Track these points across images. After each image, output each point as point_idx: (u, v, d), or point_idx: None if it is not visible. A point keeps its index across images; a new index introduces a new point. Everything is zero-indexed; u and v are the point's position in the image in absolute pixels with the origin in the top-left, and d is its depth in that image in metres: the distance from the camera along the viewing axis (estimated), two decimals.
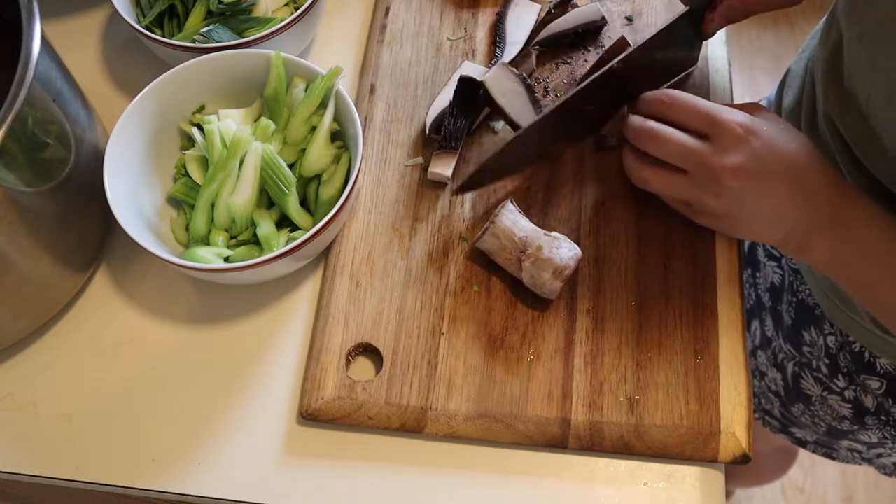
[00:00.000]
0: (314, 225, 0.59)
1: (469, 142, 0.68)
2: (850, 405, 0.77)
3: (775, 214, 0.57)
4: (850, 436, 0.81)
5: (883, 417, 0.75)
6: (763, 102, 0.92)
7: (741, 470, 1.23)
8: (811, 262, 0.59)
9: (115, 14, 0.70)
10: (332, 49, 0.76)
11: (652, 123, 0.59)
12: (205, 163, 0.63)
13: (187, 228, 0.63)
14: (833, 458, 0.90)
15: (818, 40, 0.69)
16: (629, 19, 0.74)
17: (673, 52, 0.68)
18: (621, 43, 0.67)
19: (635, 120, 0.60)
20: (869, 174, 0.61)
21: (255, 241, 0.62)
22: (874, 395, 0.73)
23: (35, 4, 0.54)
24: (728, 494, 1.44)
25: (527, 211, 0.65)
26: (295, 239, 0.58)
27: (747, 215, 0.58)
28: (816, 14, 2.07)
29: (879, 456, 0.84)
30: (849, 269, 0.58)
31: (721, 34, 0.74)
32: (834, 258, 0.58)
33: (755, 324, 0.86)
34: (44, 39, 0.53)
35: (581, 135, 0.68)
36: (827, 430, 0.83)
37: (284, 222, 0.63)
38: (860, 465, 0.88)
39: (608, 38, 0.73)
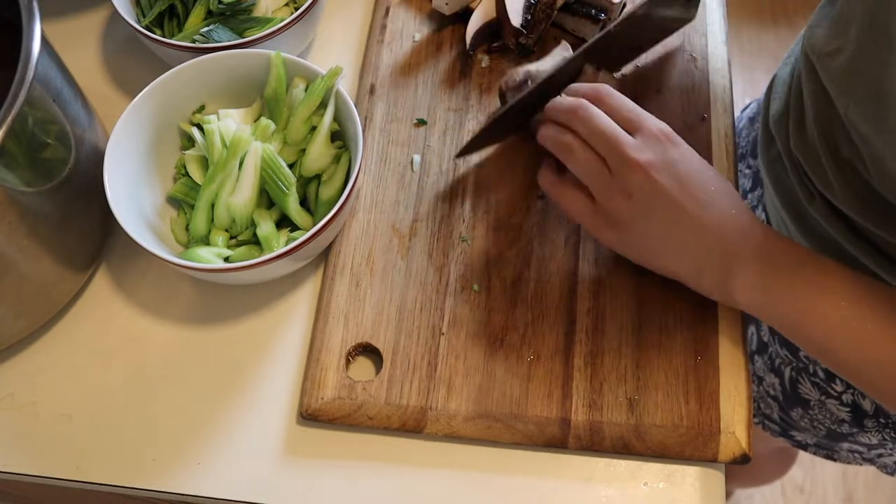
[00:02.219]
0: (314, 225, 0.59)
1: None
2: (848, 409, 0.77)
3: (679, 238, 0.55)
4: (849, 438, 0.81)
5: (882, 420, 0.75)
6: (753, 105, 0.93)
7: (741, 470, 1.23)
8: (735, 301, 0.56)
9: (115, 14, 0.70)
10: (332, 49, 0.76)
11: (588, 102, 0.58)
12: (205, 163, 0.63)
13: (187, 228, 0.63)
14: (834, 460, 0.90)
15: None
16: None
17: (670, 10, 0.69)
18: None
19: (570, 98, 0.59)
20: (859, 178, 0.61)
21: (255, 241, 0.62)
22: (872, 399, 0.73)
23: (35, 4, 0.54)
24: (728, 494, 1.44)
25: (526, 211, 0.65)
26: (295, 239, 0.58)
27: (647, 230, 0.56)
28: None
29: (880, 456, 0.84)
30: (777, 307, 0.55)
31: (721, 34, 0.74)
32: (760, 296, 0.55)
33: (752, 329, 0.86)
34: (44, 39, 0.53)
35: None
36: (827, 433, 0.83)
37: (284, 222, 0.63)
38: (861, 465, 0.88)
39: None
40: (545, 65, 0.66)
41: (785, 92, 0.72)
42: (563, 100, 0.60)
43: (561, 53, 0.67)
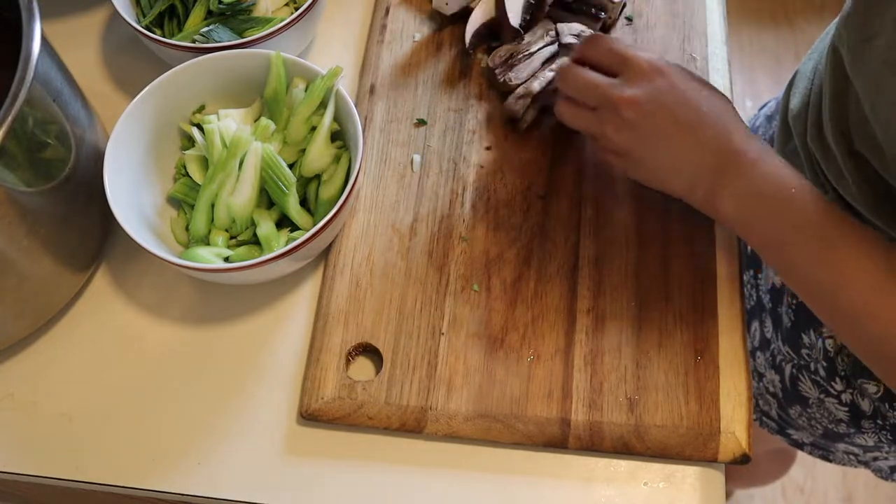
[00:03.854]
0: (314, 225, 0.59)
1: None
2: (846, 409, 0.77)
3: (674, 158, 0.58)
4: (846, 439, 0.81)
5: (879, 421, 0.75)
6: (772, 104, 0.93)
7: (741, 471, 1.23)
8: (720, 217, 0.59)
9: (115, 14, 0.70)
10: (332, 49, 0.76)
11: (568, 65, 0.62)
12: (205, 163, 0.63)
13: (187, 228, 0.63)
14: (829, 461, 0.90)
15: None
16: (629, 19, 0.74)
17: None
18: None
19: (563, 65, 0.63)
20: (874, 176, 0.61)
21: (255, 241, 0.62)
22: (871, 399, 0.73)
23: (35, 4, 0.54)
24: (728, 494, 1.44)
25: (526, 211, 0.65)
26: (295, 239, 0.58)
27: (648, 156, 0.59)
28: (816, 14, 2.08)
29: (876, 459, 0.84)
30: (756, 224, 0.57)
31: (721, 34, 0.74)
32: (740, 210, 0.57)
33: (755, 325, 0.86)
34: (44, 39, 0.53)
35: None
36: (823, 432, 0.83)
37: (284, 222, 0.63)
38: (856, 467, 0.88)
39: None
40: (526, 40, 0.69)
41: (806, 87, 0.72)
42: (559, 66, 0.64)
43: (543, 27, 0.69)
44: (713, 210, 0.59)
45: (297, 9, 0.72)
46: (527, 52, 0.69)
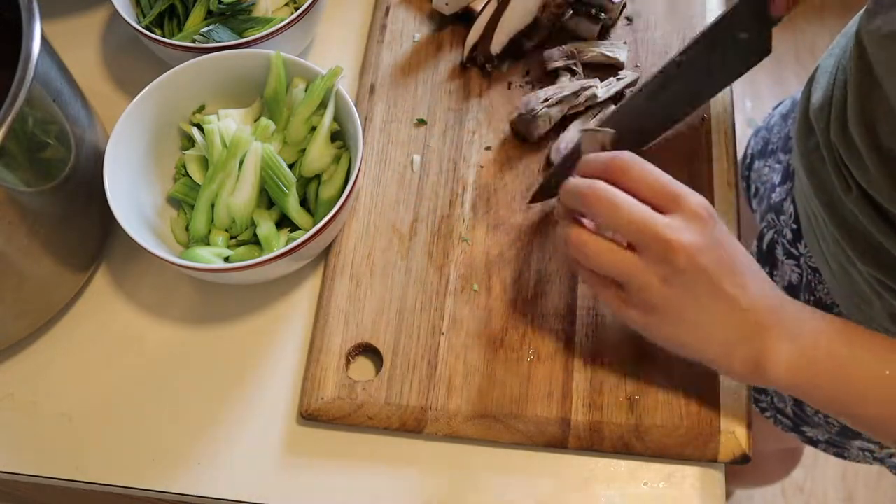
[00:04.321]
0: (314, 225, 0.59)
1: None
2: None
3: (716, 323, 0.52)
4: (863, 436, 0.81)
5: None
6: (787, 102, 0.92)
7: (744, 470, 1.22)
8: (768, 382, 0.53)
9: (115, 14, 0.70)
10: (332, 49, 0.76)
11: (603, 184, 0.51)
12: (205, 163, 0.63)
13: (187, 228, 0.63)
14: (844, 458, 0.89)
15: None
16: (629, 19, 0.74)
17: (737, 45, 0.64)
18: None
19: (581, 181, 0.52)
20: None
21: (255, 241, 0.62)
22: None
23: (35, 4, 0.54)
24: (728, 494, 1.44)
25: (526, 211, 0.65)
26: (295, 239, 0.58)
27: (687, 316, 0.51)
28: (816, 14, 2.07)
29: (891, 456, 0.83)
30: (815, 383, 0.52)
31: None
32: (797, 373, 0.51)
33: None
34: (44, 39, 0.53)
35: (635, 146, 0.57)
36: (840, 429, 0.82)
37: (284, 222, 0.63)
38: (872, 464, 0.88)
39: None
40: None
41: (828, 82, 0.71)
42: (575, 183, 0.52)
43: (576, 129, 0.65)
44: (759, 376, 0.52)
45: (297, 9, 0.72)
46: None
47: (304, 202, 0.64)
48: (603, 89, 0.68)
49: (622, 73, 0.70)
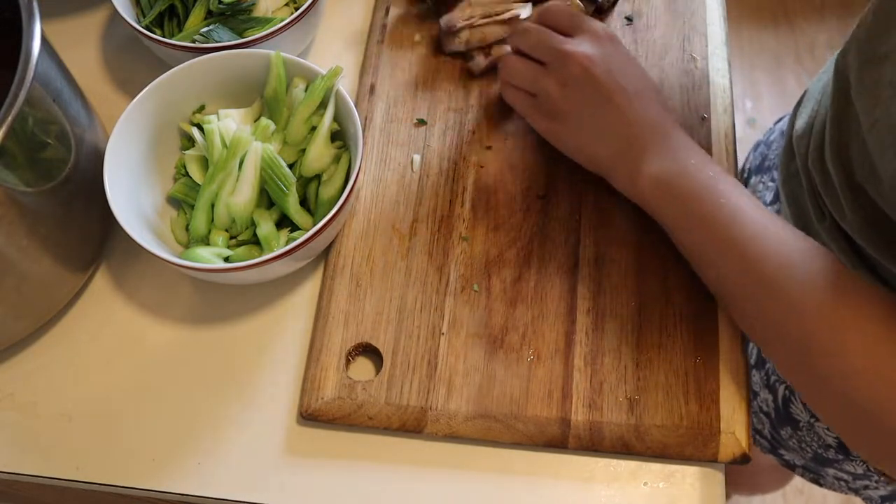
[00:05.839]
0: (314, 225, 0.59)
1: None
2: (835, 435, 0.76)
3: (607, 126, 0.60)
4: (835, 464, 0.80)
5: None
6: (787, 118, 0.91)
7: (743, 478, 1.22)
8: (638, 195, 0.60)
9: (115, 14, 0.70)
10: (332, 49, 0.76)
11: (528, 23, 0.65)
12: (205, 163, 0.63)
13: (187, 228, 0.63)
14: (821, 485, 0.88)
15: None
16: (629, 19, 0.74)
17: None
18: None
19: (519, 26, 0.66)
20: (871, 205, 0.59)
21: (255, 241, 0.62)
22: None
23: (35, 4, 0.54)
24: (727, 496, 1.44)
25: (526, 211, 0.65)
26: (295, 239, 0.58)
27: (582, 121, 0.61)
28: (817, 14, 2.08)
29: (866, 488, 0.82)
30: (669, 209, 0.58)
31: (721, 34, 0.74)
32: (655, 190, 0.58)
33: (752, 343, 0.85)
34: (44, 39, 0.53)
35: None
36: (813, 456, 0.82)
37: (284, 222, 0.63)
38: (847, 494, 0.87)
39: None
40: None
41: (812, 108, 0.71)
42: (516, 27, 0.66)
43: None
44: (632, 187, 0.60)
45: (297, 9, 0.72)
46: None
47: (304, 202, 0.64)
48: (526, 10, 0.72)
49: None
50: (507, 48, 0.71)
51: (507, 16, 0.71)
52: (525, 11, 0.71)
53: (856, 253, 0.64)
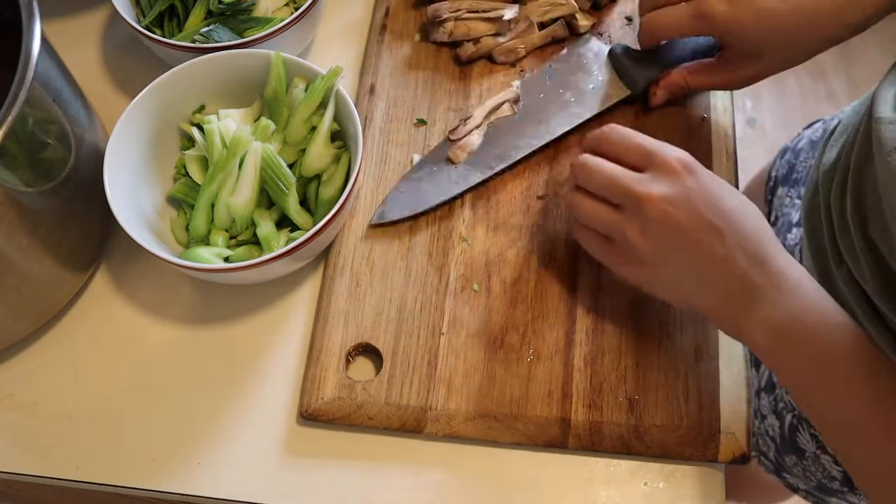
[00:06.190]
0: (314, 225, 0.59)
1: None
2: (840, 468, 0.75)
3: (699, 270, 0.52)
4: (839, 495, 0.79)
5: None
6: (818, 126, 0.85)
7: (744, 487, 1.22)
8: (749, 344, 0.53)
9: (115, 14, 0.70)
10: (332, 49, 0.76)
11: (586, 156, 0.57)
12: (205, 163, 0.63)
13: (187, 228, 0.63)
14: None
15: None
16: (629, 19, 0.74)
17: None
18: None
19: (575, 158, 0.58)
20: (884, 262, 0.58)
21: (255, 241, 0.62)
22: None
23: (35, 4, 0.54)
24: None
25: (526, 211, 0.65)
26: (295, 239, 0.58)
27: (670, 267, 0.54)
28: None
29: None
30: (789, 359, 0.51)
31: None
32: (774, 343, 0.51)
33: (763, 366, 0.84)
34: (44, 39, 0.53)
35: None
36: (817, 485, 0.80)
37: (284, 222, 0.63)
38: None
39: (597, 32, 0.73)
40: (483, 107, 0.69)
41: (843, 143, 0.68)
42: (573, 161, 0.58)
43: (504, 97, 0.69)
44: (739, 335, 0.53)
45: (297, 9, 0.72)
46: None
47: (304, 202, 0.64)
48: (511, 12, 0.71)
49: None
50: (498, 40, 0.70)
51: (492, 14, 0.71)
52: (510, 13, 0.71)
53: (870, 305, 0.63)
